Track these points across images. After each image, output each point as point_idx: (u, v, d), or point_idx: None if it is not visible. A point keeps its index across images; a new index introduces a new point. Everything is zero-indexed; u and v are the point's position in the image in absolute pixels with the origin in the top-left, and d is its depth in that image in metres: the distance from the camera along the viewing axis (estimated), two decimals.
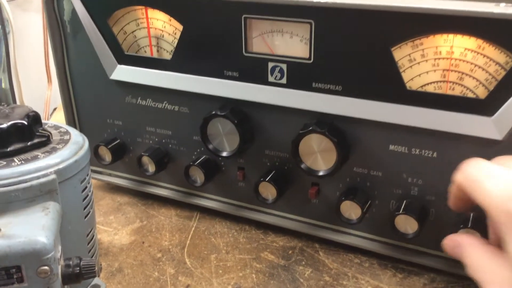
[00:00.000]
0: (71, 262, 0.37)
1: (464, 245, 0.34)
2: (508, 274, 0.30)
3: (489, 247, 0.33)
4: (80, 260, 0.37)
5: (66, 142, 0.42)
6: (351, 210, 0.48)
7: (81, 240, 0.43)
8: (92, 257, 0.45)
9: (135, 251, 0.53)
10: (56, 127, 0.45)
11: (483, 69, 0.40)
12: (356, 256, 0.52)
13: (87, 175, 0.43)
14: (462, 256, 0.34)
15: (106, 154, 0.59)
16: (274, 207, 0.55)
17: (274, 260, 0.52)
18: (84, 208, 0.43)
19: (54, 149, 0.41)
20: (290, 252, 0.53)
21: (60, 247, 0.37)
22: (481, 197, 0.32)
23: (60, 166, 0.39)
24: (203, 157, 0.55)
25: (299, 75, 0.47)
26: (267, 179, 0.51)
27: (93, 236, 0.45)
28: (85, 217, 0.43)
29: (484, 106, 0.41)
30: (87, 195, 0.43)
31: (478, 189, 0.32)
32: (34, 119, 0.41)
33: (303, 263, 0.51)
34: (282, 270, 0.50)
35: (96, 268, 0.37)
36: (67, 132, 0.44)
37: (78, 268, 0.37)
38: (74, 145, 0.42)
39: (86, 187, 0.43)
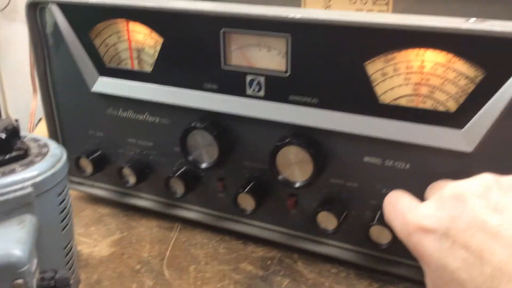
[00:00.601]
0: (46, 275, 0.37)
1: None
2: None
3: None
4: (55, 273, 0.37)
5: (44, 155, 0.42)
6: (327, 220, 0.49)
7: (59, 252, 0.44)
8: (70, 269, 0.45)
9: (114, 262, 0.53)
10: (35, 140, 0.45)
11: (453, 83, 0.42)
12: (334, 266, 0.53)
13: (65, 187, 0.43)
14: None
15: (87, 166, 0.59)
16: (254, 218, 0.56)
17: (253, 271, 0.52)
18: (62, 221, 0.43)
19: (31, 162, 0.41)
20: (268, 262, 0.54)
21: (36, 260, 0.37)
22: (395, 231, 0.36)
23: (37, 179, 0.39)
24: (184, 168, 0.56)
25: (277, 88, 0.48)
26: (245, 191, 0.51)
27: (71, 248, 0.45)
28: (63, 229, 0.43)
29: (454, 119, 0.42)
30: (65, 208, 0.43)
31: (392, 224, 0.37)
32: (13, 132, 0.41)
33: (281, 273, 0.52)
34: (260, 280, 0.51)
35: (71, 281, 0.38)
36: (45, 145, 0.44)
37: (53, 281, 0.37)
38: (52, 158, 0.42)
39: (63, 200, 0.43)
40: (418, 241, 0.31)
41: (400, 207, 0.36)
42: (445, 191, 0.33)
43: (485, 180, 0.33)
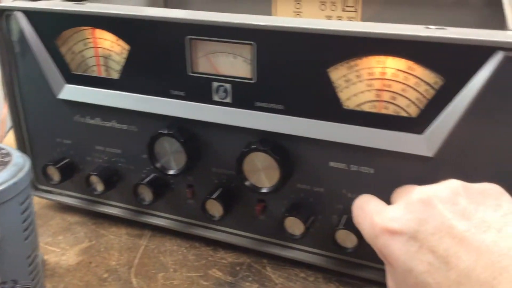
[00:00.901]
0: (6, 286, 0.37)
1: None
2: None
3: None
4: (16, 283, 0.37)
5: (6, 164, 0.42)
6: (294, 225, 0.50)
7: (22, 263, 0.43)
8: (34, 279, 0.44)
9: (81, 271, 0.53)
10: None
11: (414, 89, 0.42)
12: (302, 271, 0.53)
13: (28, 197, 0.43)
14: None
15: (54, 174, 0.59)
16: (223, 224, 0.56)
17: (221, 277, 0.52)
18: (24, 231, 0.42)
19: None
20: (238, 268, 0.54)
21: None
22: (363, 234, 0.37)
23: None
24: (152, 175, 0.56)
25: (243, 95, 0.48)
26: (213, 197, 0.51)
27: (35, 258, 0.45)
28: (26, 239, 0.43)
29: (415, 124, 0.43)
30: (28, 217, 0.43)
31: (360, 227, 0.38)
32: None
33: (250, 279, 0.52)
34: (228, 287, 0.51)
35: None
36: (8, 154, 0.44)
37: None
38: (14, 167, 0.42)
39: (26, 209, 0.42)
40: (385, 243, 0.31)
41: (368, 209, 0.37)
42: (413, 195, 0.33)
43: (452, 185, 0.33)
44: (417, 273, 0.28)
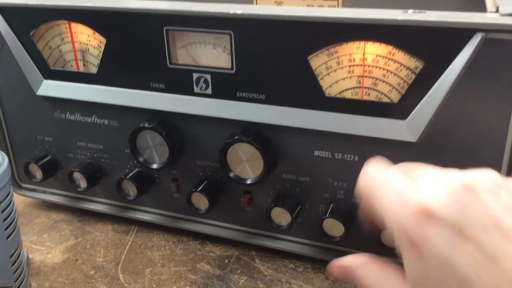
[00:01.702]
0: None
1: (355, 267, 0.32)
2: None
3: (382, 262, 0.31)
4: None
5: None
6: (281, 216, 0.49)
7: (4, 261, 0.42)
8: (18, 278, 0.44)
9: (67, 269, 0.52)
10: None
11: (395, 74, 0.42)
12: (291, 262, 0.53)
13: (8, 194, 0.42)
14: (356, 279, 0.31)
15: (36, 171, 0.58)
16: (210, 217, 0.55)
17: (210, 270, 0.52)
18: (6, 229, 0.42)
19: None
20: (226, 261, 0.53)
21: None
22: (380, 210, 0.29)
23: None
24: (136, 170, 0.55)
25: (224, 85, 0.48)
26: (198, 190, 0.51)
27: (19, 256, 0.44)
28: (7, 237, 0.42)
29: (397, 110, 0.42)
30: (9, 215, 0.42)
31: (378, 200, 0.29)
32: None
33: (239, 271, 0.52)
34: (217, 280, 0.50)
35: None
36: None
37: None
38: None
39: (7, 207, 0.42)
40: (419, 226, 0.26)
41: (395, 182, 0.29)
42: (453, 178, 0.28)
43: (493, 176, 0.28)
44: (458, 266, 0.25)
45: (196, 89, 0.49)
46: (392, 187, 0.29)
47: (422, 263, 0.26)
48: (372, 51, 0.42)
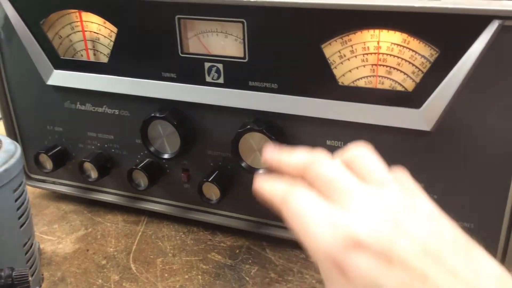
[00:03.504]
0: (2, 273, 0.36)
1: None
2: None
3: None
4: (12, 271, 0.36)
5: None
6: None
7: (18, 250, 0.42)
8: (31, 267, 0.44)
9: (79, 259, 0.52)
10: None
11: (410, 63, 0.42)
12: (302, 252, 0.53)
13: (21, 183, 0.42)
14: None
15: (47, 162, 0.58)
16: (221, 207, 0.55)
17: (221, 260, 0.52)
18: (19, 218, 0.42)
19: None
20: (237, 251, 0.53)
21: None
22: (303, 238, 0.29)
23: None
24: (146, 160, 0.55)
25: (236, 75, 0.47)
26: (209, 180, 0.51)
27: (31, 245, 0.44)
28: (21, 226, 0.42)
29: (412, 99, 0.42)
30: (22, 204, 0.42)
31: (301, 231, 0.29)
32: None
33: (250, 261, 0.52)
34: (228, 269, 0.50)
35: (29, 278, 0.37)
36: None
37: (10, 279, 0.36)
38: (5, 153, 0.41)
39: (20, 196, 0.42)
40: (348, 256, 0.27)
41: (324, 211, 0.29)
42: (376, 203, 0.29)
43: (408, 197, 0.30)
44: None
45: (208, 79, 0.48)
46: (317, 216, 0.29)
47: (349, 287, 0.27)
48: (386, 39, 0.42)
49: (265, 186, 0.34)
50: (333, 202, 0.29)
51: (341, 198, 0.29)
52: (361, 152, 0.32)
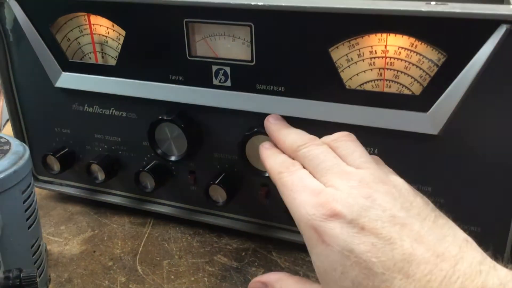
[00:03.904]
0: (10, 274, 0.36)
1: (274, 282, 0.38)
2: None
3: (297, 277, 0.38)
4: (20, 272, 0.36)
5: (5, 152, 0.41)
6: None
7: (25, 251, 0.43)
8: (38, 268, 0.44)
9: (85, 260, 0.52)
10: None
11: (417, 66, 0.42)
12: (309, 255, 0.52)
13: (29, 185, 0.42)
14: None
15: (54, 164, 0.58)
16: (227, 210, 0.55)
17: (227, 263, 0.52)
18: (27, 219, 0.42)
19: None
20: (243, 254, 0.53)
21: None
22: (290, 206, 0.35)
23: None
24: (153, 162, 0.55)
25: (243, 78, 0.48)
26: (216, 182, 0.51)
27: (39, 247, 0.44)
28: (29, 228, 0.42)
29: (419, 102, 0.42)
30: (30, 206, 0.42)
31: (289, 199, 0.35)
32: None
33: (256, 264, 0.52)
34: (234, 272, 0.51)
35: (37, 279, 0.37)
36: (7, 142, 0.43)
37: (18, 280, 0.36)
38: (14, 155, 0.41)
39: (28, 198, 0.42)
40: (323, 223, 0.31)
41: (304, 183, 0.35)
42: (352, 177, 0.33)
43: (380, 172, 0.34)
44: (359, 253, 0.29)
45: (215, 81, 0.49)
46: (303, 188, 0.34)
47: (327, 251, 0.31)
48: (394, 43, 0.42)
49: (267, 159, 0.40)
50: (319, 179, 0.35)
51: (325, 176, 0.34)
52: (345, 137, 0.38)
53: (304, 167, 0.37)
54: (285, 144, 0.40)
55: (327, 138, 0.38)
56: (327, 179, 0.34)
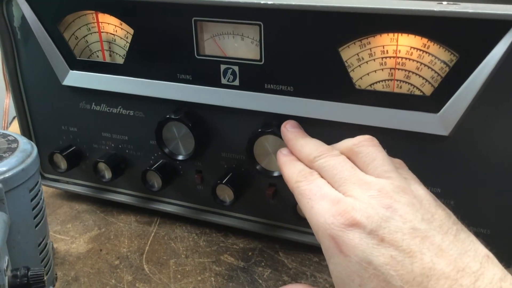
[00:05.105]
0: (18, 273, 0.36)
1: None
2: None
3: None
4: (28, 270, 0.36)
5: (13, 150, 0.41)
6: None
7: (33, 249, 0.42)
8: (45, 266, 0.44)
9: (92, 259, 0.52)
10: (4, 136, 0.44)
11: (429, 67, 0.41)
12: (315, 255, 0.52)
13: (37, 183, 0.42)
14: None
15: (61, 162, 0.58)
16: (234, 209, 0.55)
17: (234, 263, 0.52)
18: (35, 217, 0.42)
19: (0, 158, 0.40)
20: (250, 253, 0.53)
21: (7, 258, 0.36)
22: (308, 215, 0.34)
23: (6, 175, 0.38)
24: (160, 161, 0.55)
25: (251, 77, 0.47)
26: (223, 182, 0.51)
27: (46, 245, 0.44)
28: (36, 226, 0.42)
29: (430, 103, 0.42)
30: (37, 204, 0.42)
31: (307, 207, 0.34)
32: None
33: (263, 264, 0.51)
34: (241, 272, 0.50)
35: (44, 278, 0.37)
36: (15, 140, 0.43)
37: (26, 279, 0.36)
38: (22, 153, 0.41)
39: (35, 196, 0.42)
40: (342, 232, 0.31)
41: (323, 192, 0.34)
42: (372, 187, 0.33)
43: (402, 182, 0.34)
44: (377, 265, 0.29)
45: (224, 81, 0.48)
46: (321, 197, 0.34)
47: (345, 261, 0.30)
48: (406, 43, 0.41)
49: (285, 166, 0.39)
50: (337, 188, 0.34)
51: (343, 186, 0.34)
52: (367, 142, 0.37)
53: (322, 177, 0.36)
54: (301, 154, 0.39)
55: (349, 142, 0.37)
56: (345, 188, 0.33)
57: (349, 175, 0.34)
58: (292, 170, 0.38)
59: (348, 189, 0.33)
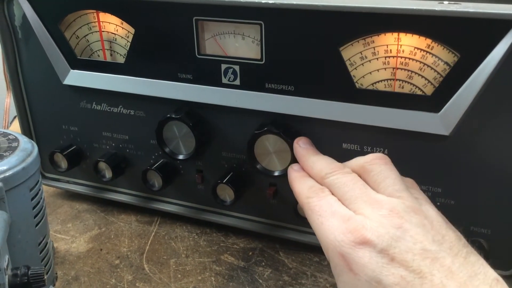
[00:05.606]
0: (18, 272, 0.36)
1: None
2: None
3: None
4: (28, 269, 0.36)
5: (14, 149, 0.41)
6: None
7: (33, 249, 0.42)
8: (45, 266, 0.44)
9: (92, 258, 0.52)
10: (5, 135, 0.44)
11: (432, 68, 0.41)
12: (316, 255, 0.52)
13: (37, 182, 0.42)
14: None
15: (61, 161, 0.58)
16: (234, 209, 0.55)
17: (234, 262, 0.52)
18: (35, 217, 0.42)
19: (1, 157, 0.40)
20: (250, 253, 0.53)
21: (7, 257, 0.36)
22: (319, 232, 0.34)
23: (7, 174, 0.38)
24: (161, 161, 0.55)
25: (252, 76, 0.47)
26: (224, 181, 0.51)
27: (46, 244, 0.44)
28: (36, 225, 0.42)
29: (431, 103, 0.42)
30: (38, 203, 0.42)
31: (317, 223, 0.34)
32: None
33: (263, 263, 0.51)
34: (241, 271, 0.50)
35: (44, 277, 0.37)
36: (15, 139, 0.43)
37: (26, 278, 0.36)
38: (22, 152, 0.41)
39: (36, 195, 0.42)
40: (352, 251, 0.31)
41: (334, 209, 0.34)
42: (384, 205, 0.33)
43: (414, 202, 0.34)
44: (387, 284, 0.29)
45: (224, 80, 0.48)
46: (332, 214, 0.34)
47: (355, 280, 0.30)
48: (409, 43, 0.41)
49: (295, 182, 0.39)
50: (347, 206, 0.34)
51: (354, 204, 0.34)
52: (379, 160, 0.37)
53: (332, 194, 0.36)
54: (313, 171, 0.39)
55: (360, 160, 0.37)
56: (356, 206, 0.33)
57: (360, 193, 0.34)
58: (303, 186, 0.38)
59: (359, 207, 0.33)
